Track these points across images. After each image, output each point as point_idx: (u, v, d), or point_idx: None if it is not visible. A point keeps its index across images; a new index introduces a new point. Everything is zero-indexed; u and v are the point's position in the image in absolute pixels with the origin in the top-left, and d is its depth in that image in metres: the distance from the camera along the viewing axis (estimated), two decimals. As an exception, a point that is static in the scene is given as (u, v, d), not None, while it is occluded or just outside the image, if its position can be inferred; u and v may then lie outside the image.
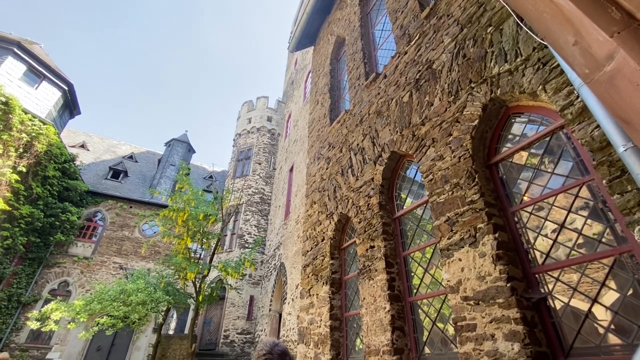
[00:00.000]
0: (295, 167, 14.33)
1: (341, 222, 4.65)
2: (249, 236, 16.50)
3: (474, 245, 2.46)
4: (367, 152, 4.25)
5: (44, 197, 13.11)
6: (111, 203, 16.72)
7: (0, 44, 12.71)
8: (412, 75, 3.76)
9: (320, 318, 4.37)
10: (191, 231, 11.89)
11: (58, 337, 12.85)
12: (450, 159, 2.88)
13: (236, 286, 14.33)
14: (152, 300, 9.87)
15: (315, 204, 5.56)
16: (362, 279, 3.65)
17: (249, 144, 20.17)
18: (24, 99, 12.27)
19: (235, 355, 13.41)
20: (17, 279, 12.75)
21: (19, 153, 11.53)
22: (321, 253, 4.84)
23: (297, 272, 10.53)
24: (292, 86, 20.37)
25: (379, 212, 3.66)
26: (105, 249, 15.68)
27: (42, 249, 13.63)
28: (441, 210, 2.83)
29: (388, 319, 3.13)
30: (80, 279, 14.50)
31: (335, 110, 6.14)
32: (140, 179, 20.11)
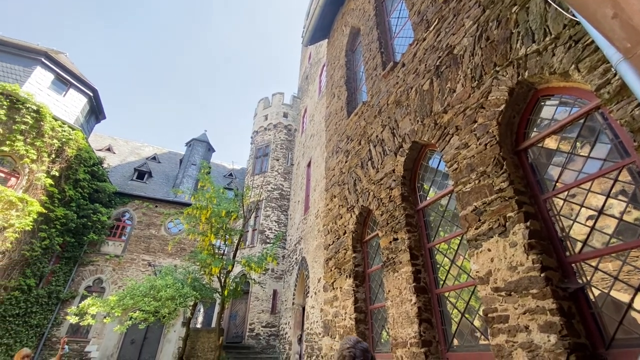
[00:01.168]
0: (312, 161, 14.35)
1: (362, 215, 4.62)
2: (269, 232, 16.74)
3: (503, 235, 2.38)
4: (387, 144, 4.19)
5: (76, 199, 13.79)
6: (138, 203, 17.38)
7: (29, 55, 13.35)
8: (432, 62, 3.65)
9: (345, 311, 4.38)
10: (214, 228, 12.19)
11: (95, 331, 13.58)
12: (475, 146, 2.79)
13: (259, 281, 14.62)
14: (180, 295, 10.23)
15: (335, 198, 5.55)
16: (387, 271, 3.62)
17: (266, 140, 20.36)
18: (53, 107, 12.88)
19: (261, 347, 13.74)
20: (55, 277, 13.54)
21: (52, 158, 12.15)
22: (343, 246, 4.84)
23: (318, 266, 10.60)
24: (307, 81, 20.32)
25: (402, 204, 3.60)
26: (134, 247, 16.36)
27: (77, 248, 14.38)
28: (467, 200, 2.75)
29: (415, 311, 3.10)
30: (112, 276, 15.22)
31: (352, 103, 6.07)
32: (163, 179, 20.77)
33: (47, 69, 13.50)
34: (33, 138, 11.59)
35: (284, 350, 12.84)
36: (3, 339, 11.07)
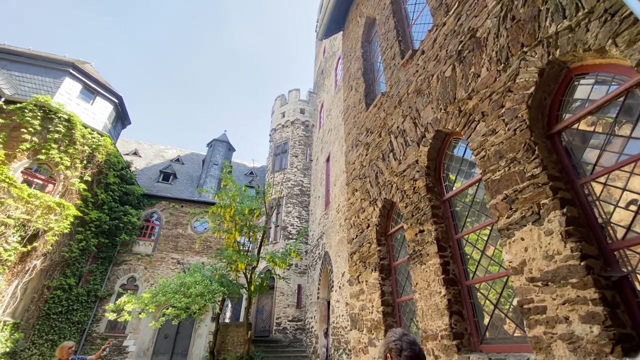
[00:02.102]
0: (331, 156, 14.32)
1: (386, 208, 4.57)
2: (292, 227, 16.91)
3: (538, 223, 2.28)
4: (408, 134, 4.10)
5: (108, 202, 14.48)
6: (164, 204, 18.04)
7: (58, 66, 14.04)
8: (454, 47, 3.53)
9: (372, 304, 4.37)
10: (238, 225, 12.46)
11: (131, 327, 14.28)
12: (504, 132, 2.68)
13: (284, 276, 14.85)
14: (209, 291, 10.55)
15: (356, 192, 5.52)
16: (413, 264, 3.57)
17: (284, 138, 20.50)
18: (82, 115, 13.52)
19: (288, 341, 13.98)
20: (92, 276, 14.33)
21: (84, 164, 12.79)
22: (367, 240, 4.81)
23: (342, 261, 10.62)
24: (322, 75, 20.22)
25: (427, 195, 3.53)
26: (164, 246, 17.01)
27: (111, 249, 15.13)
28: (497, 188, 2.65)
29: (444, 304, 3.05)
30: (144, 274, 15.92)
31: (370, 95, 5.99)
32: (187, 179, 21.40)
33: (75, 79, 14.16)
34: (66, 146, 12.24)
35: (310, 344, 13.01)
36: (48, 335, 11.86)
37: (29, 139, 11.35)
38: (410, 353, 1.53)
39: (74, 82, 14.10)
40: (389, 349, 1.57)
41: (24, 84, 13.05)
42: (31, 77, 13.34)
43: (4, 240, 9.29)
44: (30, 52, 14.16)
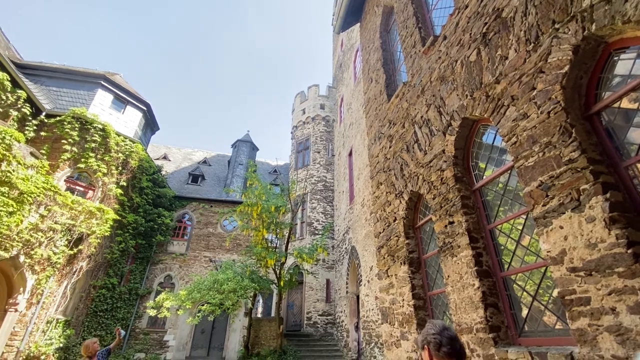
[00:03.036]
0: (354, 150, 14.22)
1: (412, 200, 4.49)
2: (317, 223, 17.03)
3: (578, 210, 2.16)
4: (433, 123, 3.99)
5: (143, 205, 15.25)
6: (195, 204, 18.74)
7: (90, 79, 14.86)
8: (478, 29, 3.38)
9: (402, 298, 4.33)
10: (265, 223, 12.73)
11: (170, 322, 15.04)
12: (536, 116, 2.54)
13: (312, 271, 15.01)
14: (240, 287, 10.89)
15: (381, 185, 5.46)
16: (444, 256, 3.49)
17: (305, 134, 20.58)
18: (115, 124, 14.26)
19: (319, 335, 14.18)
20: (133, 275, 15.20)
21: (119, 170, 13.53)
22: (395, 233, 4.76)
23: (369, 255, 10.58)
24: (341, 69, 20.04)
25: (455, 186, 3.43)
26: (196, 245, 17.71)
27: (148, 249, 15.96)
28: (531, 175, 2.53)
29: (479, 296, 2.96)
30: (180, 272, 16.67)
31: (391, 85, 5.87)
32: (215, 180, 22.07)
33: (106, 90, 14.94)
34: (102, 154, 12.99)
35: (342, 338, 13.11)
36: (96, 330, 12.74)
37: (69, 149, 12.15)
38: (449, 350, 1.42)
39: (105, 93, 14.87)
40: (427, 341, 1.47)
41: (62, 98, 13.94)
42: (67, 91, 14.22)
43: (53, 244, 10.04)
44: (65, 68, 15.09)
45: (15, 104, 11.10)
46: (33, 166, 9.14)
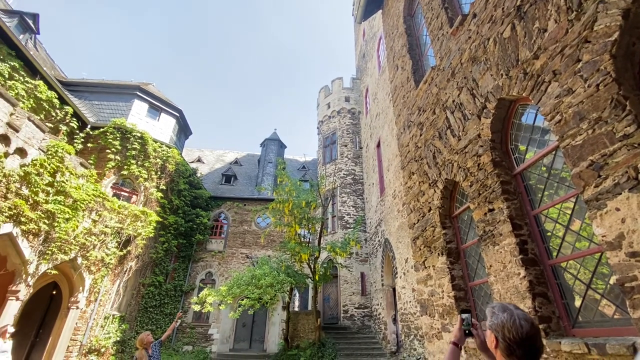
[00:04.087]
0: (382, 141, 13.98)
1: (448, 188, 4.33)
2: (348, 217, 17.00)
3: (636, 190, 1.97)
4: (466, 107, 3.81)
5: (182, 207, 16.07)
6: (229, 204, 19.44)
7: (127, 91, 15.79)
8: (511, 3, 3.16)
9: (442, 289, 4.22)
10: (297, 218, 12.92)
11: (213, 317, 15.78)
12: (583, 90, 2.34)
13: (346, 264, 15.04)
14: (277, 282, 11.17)
15: (413, 175, 5.32)
16: (485, 245, 3.35)
17: (332, 128, 20.52)
18: (151, 131, 15.07)
19: (357, 328, 14.22)
20: (177, 273, 16.11)
21: (158, 175, 14.32)
22: (430, 224, 4.63)
23: (403, 247, 10.40)
24: (364, 59, 19.69)
25: (494, 171, 3.26)
26: (232, 242, 18.40)
27: (189, 248, 16.82)
28: (580, 155, 2.35)
29: (525, 286, 2.81)
30: (219, 269, 17.43)
31: (419, 71, 5.67)
32: (246, 179, 22.70)
33: (142, 100, 15.80)
34: (142, 160, 13.80)
35: (379, 331, 13.07)
36: (148, 325, 13.67)
37: (113, 157, 13.04)
38: (525, 349, 1.20)
39: (141, 102, 15.74)
40: (503, 335, 1.23)
41: (103, 110, 14.95)
42: (107, 103, 15.23)
43: (105, 247, 10.88)
44: (104, 82, 16.15)
45: (63, 119, 12.07)
46: (83, 175, 9.92)
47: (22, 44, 10.58)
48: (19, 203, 7.72)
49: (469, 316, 1.64)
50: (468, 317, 1.64)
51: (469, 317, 1.64)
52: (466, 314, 1.65)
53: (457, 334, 1.62)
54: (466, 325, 1.63)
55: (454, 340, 1.61)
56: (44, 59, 14.65)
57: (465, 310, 1.67)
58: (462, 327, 1.63)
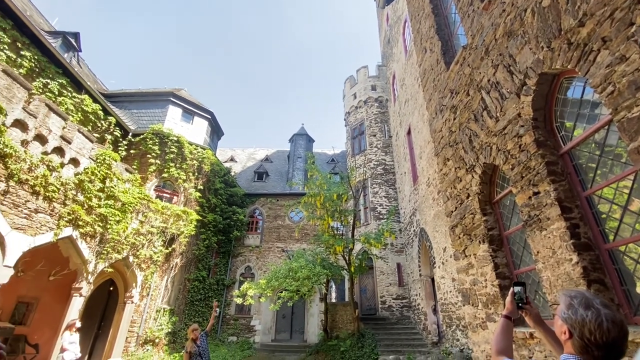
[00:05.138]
0: (412, 128, 13.58)
1: (487, 173, 4.13)
2: (381, 207, 16.79)
3: None
4: (503, 86, 3.59)
5: (219, 205, 16.76)
6: (263, 200, 20.00)
7: (161, 97, 16.62)
8: (550, -32, 2.90)
9: (485, 278, 4.06)
10: (329, 211, 13.00)
11: (255, 309, 16.43)
12: (638, 56, 2.12)
13: (381, 255, 14.94)
14: (313, 274, 11.36)
15: (448, 161, 5.13)
16: (531, 231, 3.16)
17: (359, 119, 20.25)
18: (186, 134, 15.80)
19: (395, 319, 14.12)
20: (218, 268, 16.92)
21: (195, 176, 15.03)
22: (469, 211, 4.45)
23: (440, 236, 10.11)
24: (389, 45, 19.14)
25: (538, 152, 3.05)
26: (268, 237, 18.94)
27: (228, 244, 17.57)
28: (637, 128, 2.13)
29: (578, 272, 2.63)
30: (257, 263, 18.05)
31: (449, 52, 5.42)
32: (277, 175, 23.15)
33: (175, 105, 16.58)
34: (180, 163, 14.54)
35: (419, 321, 12.88)
36: (195, 317, 14.52)
37: (154, 162, 13.85)
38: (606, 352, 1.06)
39: (175, 108, 16.52)
40: (581, 332, 1.09)
41: (142, 118, 15.88)
42: (145, 111, 16.15)
43: (153, 245, 11.65)
44: (141, 91, 17.12)
45: (108, 129, 12.99)
46: (129, 180, 10.64)
47: (67, 62, 11.47)
48: (76, 208, 8.46)
49: (521, 289, 1.57)
50: (521, 291, 1.57)
51: (522, 291, 1.57)
52: (519, 286, 1.58)
53: (509, 306, 1.56)
54: (518, 299, 1.56)
55: (506, 314, 1.54)
56: (87, 74, 15.80)
57: (518, 282, 1.60)
58: (514, 300, 1.57)
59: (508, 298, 1.57)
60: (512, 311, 1.55)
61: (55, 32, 14.04)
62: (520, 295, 1.56)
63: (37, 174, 7.51)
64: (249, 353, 13.66)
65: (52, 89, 10.68)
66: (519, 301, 1.56)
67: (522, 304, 1.55)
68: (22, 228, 7.19)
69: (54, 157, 8.08)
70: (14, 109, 7.02)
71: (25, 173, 7.24)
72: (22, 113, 7.20)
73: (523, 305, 1.55)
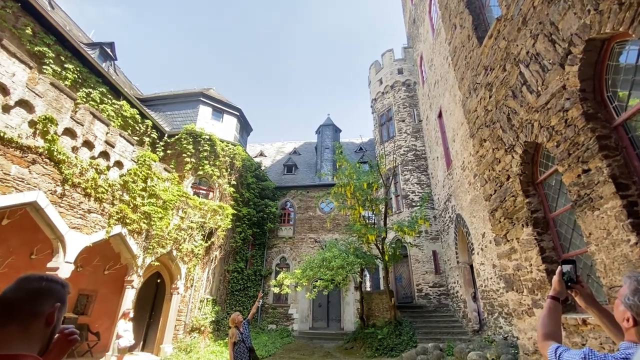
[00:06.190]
0: (443, 110, 13.04)
1: (528, 152, 3.88)
2: (413, 195, 16.42)
3: None
4: (545, 57, 3.33)
5: (252, 199, 17.27)
6: (293, 192, 20.31)
7: (192, 98, 17.25)
8: None
9: (530, 263, 3.86)
10: (360, 200, 12.93)
11: (292, 298, 16.89)
12: None
13: (415, 243, 14.68)
14: (347, 263, 11.42)
15: (485, 142, 4.88)
16: (581, 211, 2.94)
17: (386, 105, 19.76)
18: (217, 132, 16.33)
19: (433, 306, 13.89)
20: (255, 259, 17.53)
21: (228, 172, 15.55)
22: (510, 193, 4.22)
23: (478, 221, 9.73)
24: (415, 25, 18.36)
25: (587, 125, 2.81)
26: (300, 228, 19.26)
27: (262, 236, 18.11)
28: None
29: (638, 253, 2.42)
30: (291, 254, 18.47)
31: (481, 26, 5.09)
32: (306, 167, 23.34)
33: (205, 104, 17.14)
34: (213, 160, 15.10)
35: (458, 309, 12.58)
36: (235, 307, 15.20)
37: (189, 160, 14.49)
38: None
39: (205, 107, 17.09)
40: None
41: (175, 119, 16.61)
42: (178, 112, 16.87)
43: (193, 239, 12.29)
44: (173, 93, 17.86)
45: (145, 132, 13.74)
46: (168, 179, 11.24)
47: (106, 72, 12.21)
48: (123, 207, 9.10)
49: (571, 268, 1.45)
50: (570, 270, 1.45)
51: (572, 269, 1.45)
52: (568, 265, 1.46)
53: (556, 286, 1.44)
54: (567, 278, 1.44)
55: (553, 294, 1.42)
56: (124, 81, 16.74)
57: (567, 261, 1.47)
58: (563, 279, 1.45)
59: (555, 278, 1.46)
60: (559, 291, 1.43)
61: (93, 44, 14.96)
62: (569, 274, 1.45)
63: (87, 177, 8.14)
64: (288, 340, 14.11)
65: (94, 97, 11.44)
66: (569, 281, 1.45)
67: (572, 283, 1.44)
68: (78, 227, 7.87)
69: (101, 161, 8.70)
70: (63, 118, 7.62)
71: (77, 177, 7.88)
72: (70, 122, 7.80)
73: (573, 285, 1.44)
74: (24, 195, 6.65)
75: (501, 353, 6.59)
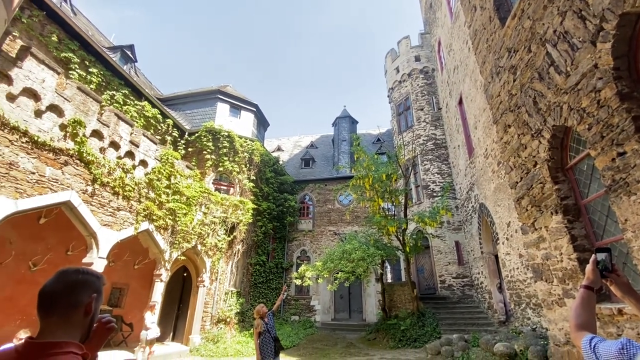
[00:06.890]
0: (464, 97, 12.63)
1: (557, 137, 3.70)
2: (434, 185, 16.11)
3: None
4: (574, 35, 3.14)
5: (271, 193, 17.50)
6: (311, 186, 20.39)
7: (210, 96, 17.53)
8: None
9: (560, 252, 3.72)
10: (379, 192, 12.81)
11: (313, 290, 17.09)
12: None
13: (437, 234, 14.44)
14: (368, 255, 11.41)
15: (510, 128, 4.69)
16: (616, 197, 2.79)
17: (404, 94, 19.35)
18: (235, 129, 16.55)
19: (457, 298, 13.69)
20: (276, 252, 17.83)
21: (247, 167, 15.79)
22: (537, 180, 4.06)
23: (503, 210, 9.44)
24: (432, 9, 17.78)
25: (622, 106, 2.65)
26: (319, 221, 19.36)
27: (282, 230, 18.35)
28: None
29: (681, 240, 2.28)
30: (311, 246, 18.64)
31: (503, 6, 4.86)
32: (324, 160, 23.33)
33: (223, 102, 17.39)
34: (232, 156, 15.36)
35: (483, 300, 12.33)
36: (259, 299, 15.56)
37: (209, 157, 14.82)
38: None
39: (223, 104, 17.34)
40: None
41: (195, 117, 16.97)
42: (197, 110, 17.21)
43: (216, 234, 12.63)
44: (191, 92, 18.22)
45: (167, 131, 14.13)
46: (190, 176, 11.55)
47: (127, 74, 12.60)
48: (149, 204, 9.45)
49: (606, 256, 1.37)
50: (605, 258, 1.37)
51: (607, 258, 1.37)
52: (602, 253, 1.38)
53: (590, 275, 1.37)
54: (602, 267, 1.37)
55: (587, 284, 1.36)
56: (144, 82, 17.22)
57: (601, 249, 1.40)
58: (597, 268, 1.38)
59: (589, 266, 1.39)
60: (593, 280, 1.37)
61: (114, 47, 15.44)
62: (604, 263, 1.38)
63: (115, 176, 8.50)
64: (311, 331, 14.34)
65: (118, 99, 11.85)
66: (603, 269, 1.38)
67: (607, 272, 1.38)
68: (109, 224, 8.26)
69: (127, 161, 9.05)
70: (90, 120, 7.95)
71: (106, 176, 8.24)
72: (97, 124, 8.14)
73: (608, 274, 1.38)
74: (58, 195, 7.04)
75: (529, 344, 6.42)
